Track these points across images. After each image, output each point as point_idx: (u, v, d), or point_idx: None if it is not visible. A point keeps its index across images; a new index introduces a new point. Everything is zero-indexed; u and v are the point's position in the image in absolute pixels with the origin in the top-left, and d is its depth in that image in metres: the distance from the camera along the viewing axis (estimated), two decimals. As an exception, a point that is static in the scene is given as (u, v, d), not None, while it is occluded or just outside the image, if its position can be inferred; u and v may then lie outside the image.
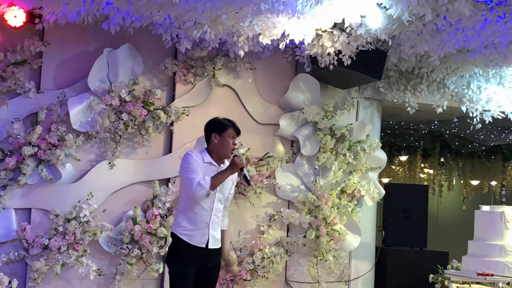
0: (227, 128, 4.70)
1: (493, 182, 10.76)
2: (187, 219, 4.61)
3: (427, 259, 8.09)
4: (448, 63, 6.88)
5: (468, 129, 8.39)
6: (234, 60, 6.67)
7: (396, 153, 10.43)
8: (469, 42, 5.62)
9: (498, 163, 10.56)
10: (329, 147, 6.88)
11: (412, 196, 8.50)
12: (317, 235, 6.77)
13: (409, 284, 8.03)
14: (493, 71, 7.15)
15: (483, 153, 10.45)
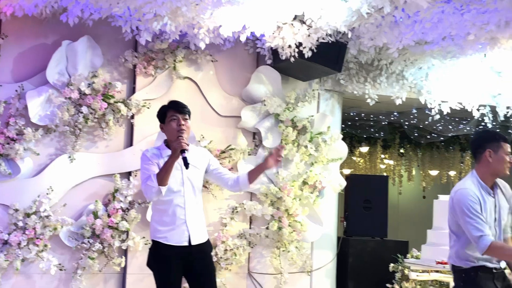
0: (166, 112, 4.49)
1: (452, 172, 10.95)
2: (161, 221, 4.44)
3: (387, 249, 8.20)
4: (406, 55, 6.98)
5: (427, 120, 8.51)
6: (195, 52, 6.66)
7: (356, 145, 10.54)
8: (427, 34, 5.70)
9: (456, 153, 10.74)
10: (291, 139, 6.92)
11: (373, 187, 8.59)
12: (280, 227, 6.81)
13: (370, 273, 8.14)
14: (451, 63, 7.26)
15: (441, 143, 10.61)
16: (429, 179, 11.19)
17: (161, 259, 4.45)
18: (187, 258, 4.45)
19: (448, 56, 6.63)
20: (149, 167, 4.39)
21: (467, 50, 6.26)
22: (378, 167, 10.82)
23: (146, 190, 4.35)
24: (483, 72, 7.35)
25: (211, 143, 6.62)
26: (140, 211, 6.36)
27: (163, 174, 4.29)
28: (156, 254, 4.48)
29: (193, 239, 4.45)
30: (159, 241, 4.46)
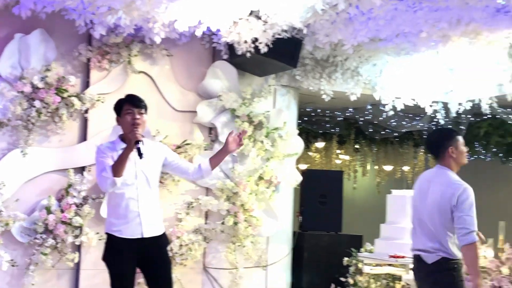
0: (122, 105, 4.52)
1: (406, 168, 11.11)
2: (115, 214, 4.47)
3: (342, 243, 8.30)
4: (361, 52, 7.05)
5: (381, 116, 8.62)
6: (150, 46, 6.61)
7: (312, 140, 10.61)
8: (380, 31, 5.77)
9: (410, 149, 10.90)
10: (247, 134, 6.94)
11: (328, 182, 8.68)
12: (235, 222, 6.82)
13: (325, 267, 8.23)
14: (404, 60, 7.36)
15: (395, 139, 10.75)
16: (384, 174, 11.34)
17: (115, 252, 4.48)
18: (141, 251, 4.47)
19: (401, 53, 6.73)
20: (103, 160, 4.41)
21: (420, 47, 6.37)
22: (334, 163, 10.92)
23: (101, 182, 4.38)
24: (436, 69, 7.47)
25: (166, 138, 6.59)
26: (94, 206, 6.30)
27: (118, 165, 4.32)
28: (111, 247, 4.51)
29: (146, 232, 4.47)
30: (113, 234, 4.49)
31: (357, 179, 11.23)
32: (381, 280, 7.83)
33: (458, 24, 5.46)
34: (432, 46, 6.34)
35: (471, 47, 6.47)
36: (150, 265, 4.52)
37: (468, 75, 7.34)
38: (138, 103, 4.50)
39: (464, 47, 6.46)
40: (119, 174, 4.31)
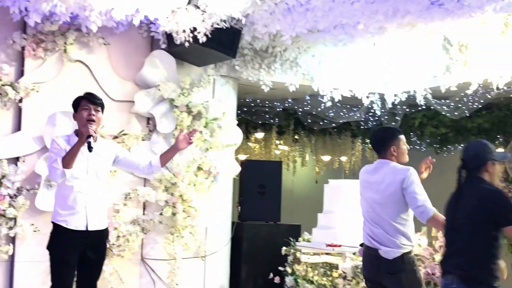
0: (80, 102, 4.71)
1: (343, 158, 11.25)
2: (62, 205, 4.62)
3: (280, 233, 8.35)
4: (300, 43, 7.10)
5: (319, 107, 8.70)
6: (87, 35, 6.49)
7: (252, 130, 10.63)
8: (318, 22, 5.82)
9: (347, 139, 11.04)
10: (186, 124, 6.90)
11: (267, 172, 8.71)
12: (174, 212, 6.79)
13: (263, 257, 8.27)
14: (342, 51, 7.45)
15: (334, 130, 10.88)
16: (322, 165, 11.46)
17: (60, 241, 4.64)
18: (84, 243, 4.64)
19: (339, 44, 6.79)
20: (56, 151, 4.60)
21: (357, 39, 6.45)
22: (273, 153, 10.97)
23: (51, 172, 4.58)
24: (373, 60, 7.59)
25: (103, 128, 6.50)
26: (29, 198, 6.16)
27: (68, 157, 4.50)
28: (56, 236, 4.68)
29: (90, 225, 4.65)
30: (59, 224, 4.64)
31: (296, 170, 11.32)
32: (319, 269, 7.93)
33: (394, 16, 5.54)
34: (369, 37, 6.43)
35: (406, 39, 6.60)
36: (88, 258, 4.70)
37: (404, 67, 7.49)
38: (95, 101, 4.71)
39: (400, 39, 6.59)
40: (69, 166, 4.49)
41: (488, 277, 3.83)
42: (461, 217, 3.94)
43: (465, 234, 3.90)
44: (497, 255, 3.87)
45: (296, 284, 8.06)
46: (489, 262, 3.84)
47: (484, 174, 4.02)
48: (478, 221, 3.86)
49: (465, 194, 3.97)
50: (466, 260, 3.86)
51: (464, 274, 3.84)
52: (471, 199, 3.92)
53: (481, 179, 4.00)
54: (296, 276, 8.06)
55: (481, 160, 4.02)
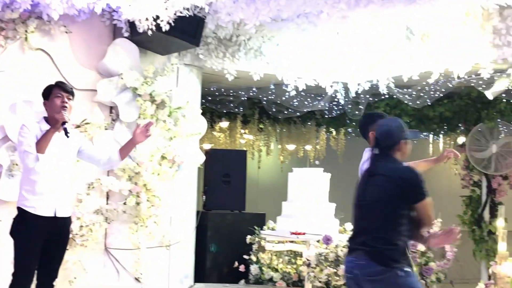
0: (52, 90, 4.78)
1: (308, 147, 11.29)
2: (30, 191, 4.63)
3: (245, 221, 8.40)
4: (264, 32, 7.10)
5: (284, 96, 8.72)
6: (48, 23, 6.40)
7: (217, 120, 10.59)
8: (282, 11, 5.83)
9: (312, 128, 11.06)
10: (149, 114, 6.86)
11: (232, 161, 8.73)
12: (138, 202, 6.77)
13: (228, 245, 8.31)
14: (306, 40, 7.46)
15: (298, 119, 10.90)
16: (287, 153, 11.48)
17: (26, 227, 4.63)
18: (50, 230, 4.66)
19: (303, 33, 6.81)
20: (27, 136, 4.63)
21: (320, 28, 6.47)
22: (238, 142, 10.95)
23: (24, 157, 4.59)
24: (336, 49, 7.62)
25: (65, 117, 6.42)
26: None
27: (43, 142, 4.58)
28: (21, 222, 4.66)
29: (59, 211, 4.70)
30: (26, 210, 4.64)
31: (261, 159, 11.33)
32: (283, 257, 8.00)
33: (357, 5, 5.59)
34: (332, 26, 6.46)
35: (369, 28, 6.65)
36: (51, 245, 4.70)
37: (367, 56, 7.54)
38: (68, 89, 4.82)
39: (363, 28, 6.63)
40: (43, 151, 4.57)
41: (396, 253, 3.76)
42: (371, 194, 3.91)
43: (374, 212, 3.86)
44: (406, 233, 3.82)
45: (260, 272, 8.11)
46: (397, 239, 3.78)
47: (396, 153, 3.99)
48: (388, 199, 3.83)
49: (377, 172, 3.93)
50: (375, 237, 3.80)
51: (371, 250, 3.78)
52: (382, 177, 3.89)
53: (393, 158, 3.97)
54: (261, 264, 8.12)
55: (394, 139, 3.99)
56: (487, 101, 8.51)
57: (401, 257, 3.77)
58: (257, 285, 8.10)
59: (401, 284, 3.74)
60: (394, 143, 4.00)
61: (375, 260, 3.76)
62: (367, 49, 7.35)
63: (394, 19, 6.36)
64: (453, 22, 6.51)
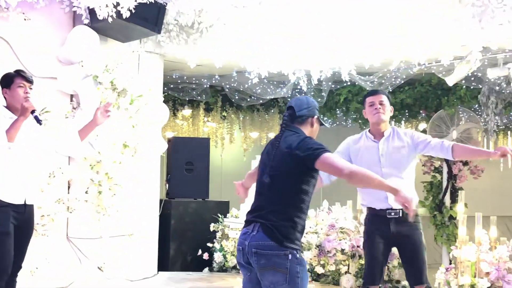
0: (13, 79, 4.77)
1: (271, 134, 11.31)
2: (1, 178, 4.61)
3: (209, 209, 8.40)
4: (226, 19, 7.06)
5: (247, 83, 8.72)
6: (6, 10, 6.28)
7: (179, 107, 10.56)
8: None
9: (275, 116, 11.11)
10: (111, 102, 6.79)
11: (195, 149, 8.71)
12: (99, 191, 6.70)
13: (192, 234, 8.30)
14: (269, 27, 7.45)
15: (261, 106, 10.92)
16: (250, 141, 11.49)
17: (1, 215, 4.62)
18: (20, 217, 4.67)
19: (265, 21, 6.80)
20: None
21: (283, 15, 6.47)
22: (201, 130, 10.93)
23: None
24: (299, 36, 7.63)
25: (25, 106, 6.33)
26: None
27: (12, 131, 4.58)
28: None
29: (28, 199, 4.71)
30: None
31: (225, 146, 11.32)
32: (247, 244, 8.00)
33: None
34: (295, 14, 6.46)
35: (332, 15, 6.67)
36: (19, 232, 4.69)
37: (329, 43, 7.57)
38: (29, 78, 4.83)
39: (326, 15, 6.65)
40: (13, 139, 4.58)
41: (291, 232, 3.51)
42: (272, 167, 3.64)
43: (273, 184, 3.59)
44: (304, 209, 3.60)
45: (224, 259, 8.12)
46: (294, 215, 3.54)
47: (307, 127, 3.78)
48: (286, 172, 3.58)
49: (280, 144, 3.69)
50: (272, 210, 3.53)
51: (267, 224, 3.49)
52: (282, 149, 3.63)
53: (298, 129, 3.74)
54: (225, 252, 8.13)
55: (310, 112, 3.78)
56: (448, 88, 8.64)
57: (296, 237, 3.53)
58: (221, 272, 8.12)
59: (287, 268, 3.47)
60: (309, 116, 3.79)
61: (268, 234, 3.49)
62: (330, 37, 7.38)
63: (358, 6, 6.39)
64: (414, 10, 6.56)
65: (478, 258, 6.07)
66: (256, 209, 3.63)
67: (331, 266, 7.27)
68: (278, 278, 3.44)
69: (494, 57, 6.97)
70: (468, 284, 6.02)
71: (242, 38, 7.53)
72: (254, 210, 3.65)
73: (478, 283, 5.96)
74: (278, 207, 3.53)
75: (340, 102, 9.75)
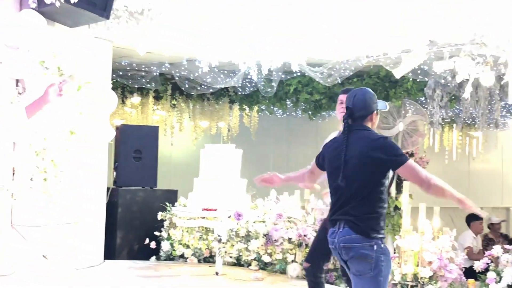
0: None
1: (221, 124, 11.31)
2: None
3: (157, 198, 8.36)
4: (176, 6, 7.01)
5: (197, 72, 8.69)
6: (-51, -10, 6.12)
7: (128, 95, 10.44)
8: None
9: (225, 105, 11.10)
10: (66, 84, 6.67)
11: (143, 137, 8.64)
12: (45, 178, 6.59)
13: (139, 222, 8.25)
14: (220, 16, 7.43)
15: (211, 95, 10.90)
16: (200, 130, 11.46)
17: None
18: None
19: (214, 8, 6.77)
20: None
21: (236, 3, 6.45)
22: (151, 118, 10.85)
23: None
24: (249, 26, 7.63)
25: (-33, 90, 6.18)
26: None
27: None
28: None
29: None
30: None
31: (174, 135, 11.27)
32: (195, 233, 8.02)
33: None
34: (245, 2, 6.45)
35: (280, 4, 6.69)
36: None
37: (280, 34, 7.59)
38: None
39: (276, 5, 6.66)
40: None
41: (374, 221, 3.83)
42: (349, 166, 3.88)
43: (354, 182, 3.87)
44: (384, 199, 3.89)
45: (172, 248, 8.11)
46: (378, 207, 3.86)
47: (368, 123, 4.04)
48: (367, 169, 3.85)
49: (352, 143, 3.92)
50: (355, 206, 3.85)
51: (351, 219, 3.83)
52: (358, 147, 3.89)
53: (366, 127, 4.00)
54: (172, 241, 8.11)
55: (368, 109, 4.01)
56: (395, 80, 8.77)
57: (380, 227, 3.85)
58: (168, 261, 8.10)
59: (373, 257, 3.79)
60: (368, 114, 4.03)
61: (353, 228, 3.82)
62: (281, 27, 7.40)
63: None
64: (360, 5, 6.63)
65: (421, 247, 6.20)
66: (338, 208, 3.94)
67: (278, 255, 7.33)
68: (364, 266, 3.79)
69: (440, 50, 7.10)
70: (411, 273, 6.15)
71: (192, 26, 7.49)
72: (336, 210, 3.96)
73: (420, 272, 6.10)
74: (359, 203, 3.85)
75: (290, 92, 9.80)
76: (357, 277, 3.83)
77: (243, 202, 7.54)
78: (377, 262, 3.78)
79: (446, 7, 6.08)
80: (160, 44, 7.43)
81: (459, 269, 6.27)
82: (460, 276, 6.23)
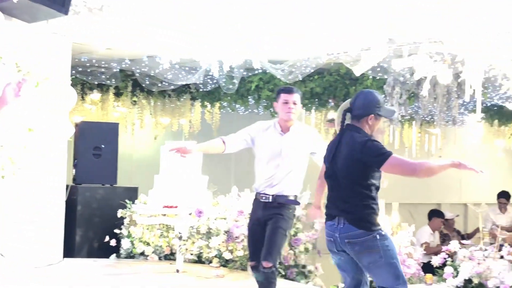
0: None
1: (183, 121, 11.26)
2: None
3: (117, 195, 8.30)
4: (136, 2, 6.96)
5: (157, 68, 8.64)
6: None
7: (88, 91, 10.32)
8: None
9: (186, 102, 11.05)
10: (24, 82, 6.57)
11: (103, 134, 8.58)
12: (3, 175, 6.49)
13: (99, 220, 8.19)
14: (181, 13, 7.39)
15: (173, 92, 10.84)
16: (161, 127, 11.39)
17: None
18: None
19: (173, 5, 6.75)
20: None
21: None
22: (111, 115, 10.74)
23: None
24: (211, 22, 7.60)
25: None
26: None
27: None
28: None
29: None
30: None
31: (135, 132, 11.18)
32: (155, 231, 7.98)
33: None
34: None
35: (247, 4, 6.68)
36: None
37: (243, 31, 7.59)
38: None
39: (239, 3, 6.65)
40: None
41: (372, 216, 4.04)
42: (339, 164, 4.10)
43: (345, 181, 4.08)
44: (375, 194, 4.07)
45: (132, 246, 8.06)
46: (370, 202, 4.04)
47: (364, 125, 4.13)
48: (353, 170, 4.04)
49: (343, 142, 4.11)
50: (350, 204, 4.05)
51: (349, 215, 4.03)
52: (346, 147, 4.08)
53: (358, 128, 4.10)
54: (132, 239, 8.07)
55: (365, 110, 4.11)
56: (355, 78, 8.84)
57: (376, 219, 4.04)
58: (128, 259, 8.04)
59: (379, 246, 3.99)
60: (364, 115, 4.12)
61: (354, 224, 4.01)
62: (243, 24, 7.40)
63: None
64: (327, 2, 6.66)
65: (380, 243, 6.25)
66: (335, 203, 4.14)
67: (239, 252, 7.34)
68: (374, 257, 4.00)
69: (399, 48, 7.18)
70: (370, 268, 6.20)
71: (152, 23, 7.45)
72: (333, 204, 4.15)
73: (379, 267, 6.15)
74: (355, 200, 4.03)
75: (252, 89, 9.81)
76: (371, 268, 4.04)
77: (204, 199, 7.53)
78: (384, 248, 3.99)
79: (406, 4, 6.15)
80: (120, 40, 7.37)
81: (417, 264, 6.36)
82: (418, 271, 6.32)
